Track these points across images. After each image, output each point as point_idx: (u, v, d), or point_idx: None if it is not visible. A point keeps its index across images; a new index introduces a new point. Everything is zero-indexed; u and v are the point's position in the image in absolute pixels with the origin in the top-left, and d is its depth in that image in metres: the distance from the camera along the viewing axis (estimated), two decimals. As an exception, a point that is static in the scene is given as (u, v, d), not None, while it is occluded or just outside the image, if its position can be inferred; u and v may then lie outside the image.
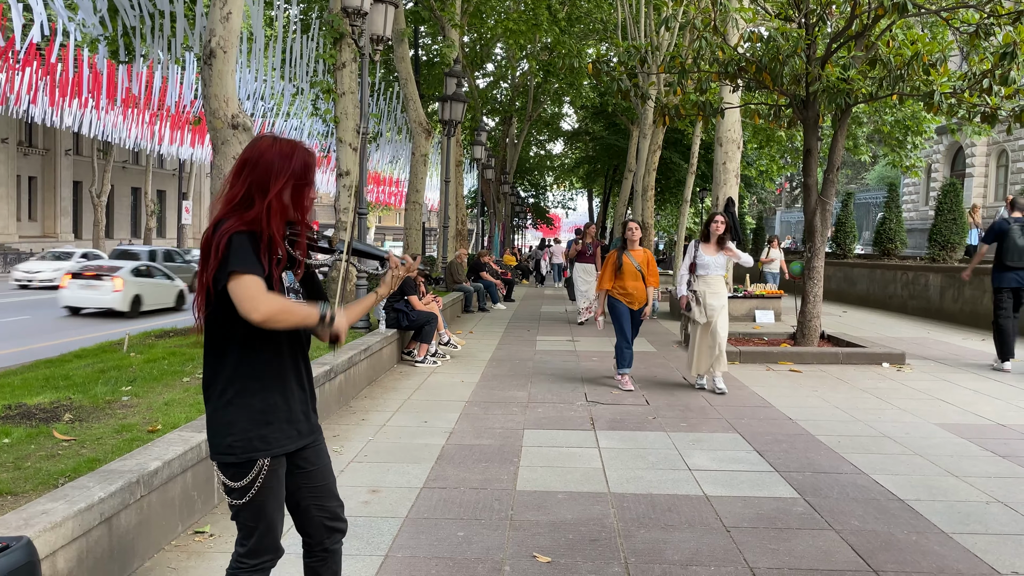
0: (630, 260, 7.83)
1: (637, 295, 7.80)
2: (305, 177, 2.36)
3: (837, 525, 4.20)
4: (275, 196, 2.29)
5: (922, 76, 8.76)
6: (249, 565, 2.41)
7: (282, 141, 2.38)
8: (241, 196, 2.30)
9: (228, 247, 2.22)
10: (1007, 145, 30.39)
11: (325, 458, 2.55)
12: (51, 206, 45.42)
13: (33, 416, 4.72)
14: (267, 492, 2.36)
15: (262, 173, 2.31)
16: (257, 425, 2.33)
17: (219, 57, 7.62)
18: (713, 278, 7.65)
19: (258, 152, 2.34)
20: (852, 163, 52.43)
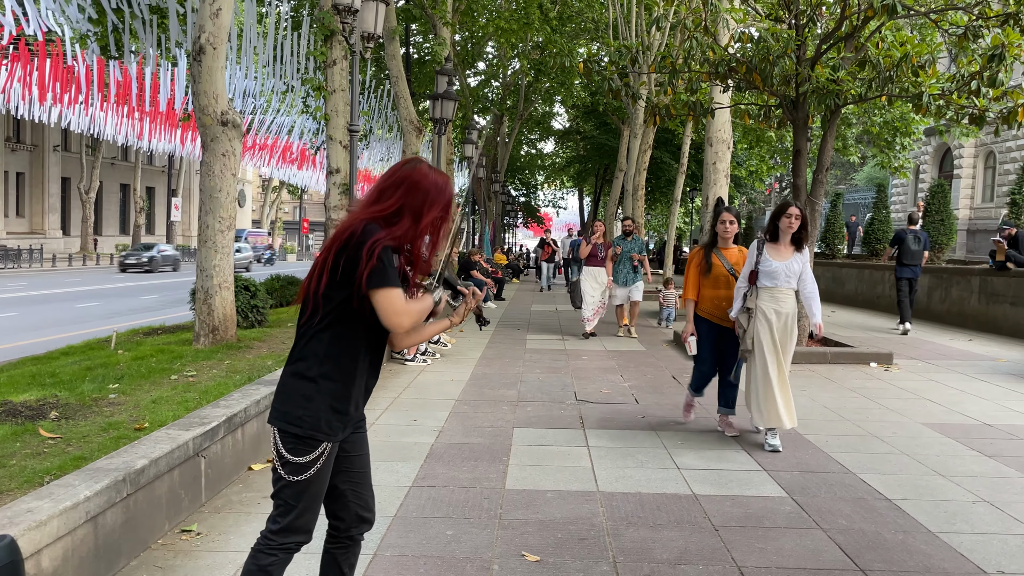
0: (721, 262, 5.98)
1: (727, 308, 5.91)
2: (448, 210, 2.54)
3: (825, 524, 4.22)
4: (428, 222, 2.48)
5: (911, 77, 8.81)
6: (277, 543, 2.45)
7: (438, 171, 2.56)
8: (392, 211, 2.44)
9: (381, 259, 2.35)
10: (995, 147, 30.59)
11: (367, 447, 2.65)
12: (39, 203, 45.11)
13: (19, 414, 4.69)
14: (320, 474, 2.44)
15: (420, 197, 2.46)
16: (330, 410, 2.42)
17: (209, 54, 7.58)
18: (782, 292, 5.64)
19: (419, 175, 2.50)
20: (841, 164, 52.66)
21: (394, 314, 2.37)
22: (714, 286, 5.98)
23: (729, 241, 6.09)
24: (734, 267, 5.98)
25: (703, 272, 6.02)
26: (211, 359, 6.89)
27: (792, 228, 5.63)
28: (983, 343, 11.86)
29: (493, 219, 38.04)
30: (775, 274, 5.62)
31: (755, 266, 5.68)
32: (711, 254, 6.05)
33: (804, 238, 5.69)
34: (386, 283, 2.35)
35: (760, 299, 5.64)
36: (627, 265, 11.94)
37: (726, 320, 5.91)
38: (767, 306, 5.62)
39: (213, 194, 7.74)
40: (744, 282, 5.73)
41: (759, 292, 5.65)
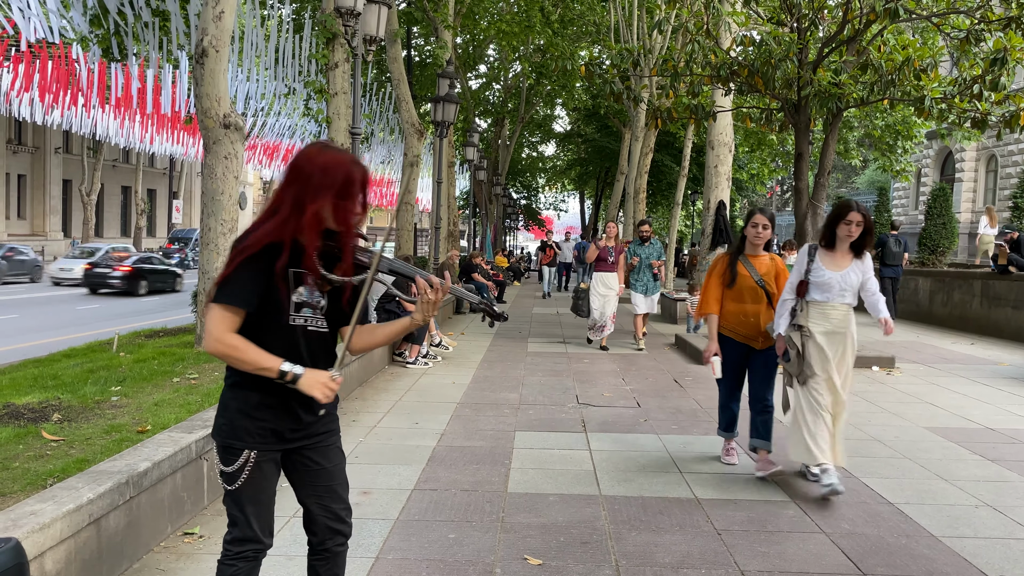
0: (748, 271, 5.15)
1: (758, 327, 5.12)
2: (347, 192, 2.29)
3: (827, 528, 4.21)
4: (314, 212, 2.26)
5: (913, 81, 8.82)
6: (232, 552, 2.44)
7: (329, 152, 2.33)
8: (274, 204, 2.31)
9: (230, 266, 2.25)
10: (996, 150, 30.58)
11: (336, 460, 2.54)
12: (40, 204, 45.13)
13: (21, 416, 4.69)
14: (250, 484, 2.38)
15: (302, 184, 2.28)
16: (245, 416, 2.36)
17: (211, 56, 7.59)
18: (834, 309, 4.73)
19: (304, 159, 2.32)
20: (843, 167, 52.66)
21: (206, 331, 2.26)
22: (738, 299, 5.15)
23: (760, 248, 5.23)
24: (764, 278, 5.13)
25: (726, 283, 5.19)
26: (213, 361, 6.89)
27: (852, 236, 4.70)
28: (985, 347, 11.85)
29: (494, 222, 38.04)
30: (828, 286, 4.71)
31: (804, 275, 4.78)
32: (736, 262, 5.20)
33: (866, 245, 4.77)
34: (217, 297, 2.25)
35: (809, 316, 4.77)
36: (647, 272, 11.17)
37: (753, 338, 5.13)
38: (816, 325, 4.74)
39: (215, 196, 7.74)
40: (791, 294, 4.83)
41: (808, 307, 4.78)
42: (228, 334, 2.25)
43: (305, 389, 2.29)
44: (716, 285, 5.24)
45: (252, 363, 2.26)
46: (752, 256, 5.23)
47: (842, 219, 4.71)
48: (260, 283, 2.27)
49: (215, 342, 2.24)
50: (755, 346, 5.14)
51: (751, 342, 5.16)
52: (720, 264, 5.30)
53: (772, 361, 5.14)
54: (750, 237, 5.21)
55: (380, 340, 2.54)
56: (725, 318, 5.20)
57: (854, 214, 4.68)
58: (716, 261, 5.37)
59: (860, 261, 4.78)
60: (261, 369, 2.26)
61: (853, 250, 4.76)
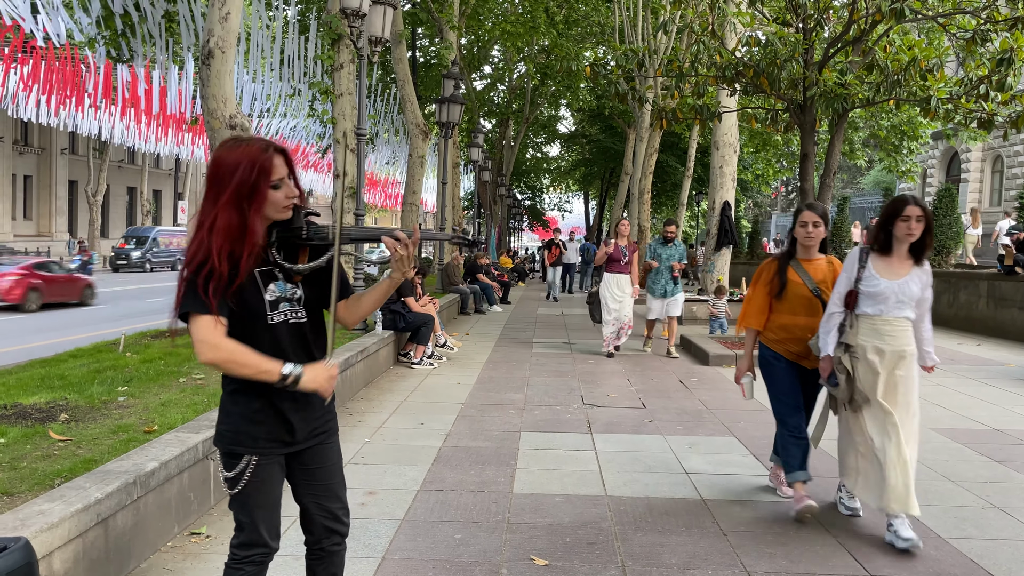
0: (801, 278, 4.42)
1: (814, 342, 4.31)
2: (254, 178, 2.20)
3: (834, 529, 4.20)
4: (225, 202, 2.19)
5: (919, 81, 8.80)
6: (239, 556, 2.44)
7: (238, 147, 2.24)
8: (203, 207, 2.25)
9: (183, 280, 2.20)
10: (1002, 151, 30.50)
11: (333, 459, 2.53)
12: (46, 205, 45.28)
13: (29, 416, 4.70)
14: (253, 488, 2.37)
15: (216, 183, 2.22)
16: (246, 422, 2.34)
17: (217, 57, 7.61)
18: (890, 324, 4.01)
19: (214, 163, 2.25)
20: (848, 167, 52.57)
21: (196, 342, 2.18)
22: (790, 311, 4.41)
23: (813, 250, 4.48)
24: (820, 286, 4.38)
25: (774, 292, 4.45)
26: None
27: (913, 235, 3.97)
28: (991, 348, 11.82)
29: (499, 223, 38.06)
30: (882, 297, 3.99)
31: (854, 284, 4.07)
32: (787, 268, 4.46)
33: (927, 246, 4.05)
34: (187, 308, 2.18)
35: (860, 332, 4.05)
36: (666, 274, 10.37)
37: (804, 356, 4.41)
38: (868, 342, 4.02)
39: (221, 197, 7.75)
40: (838, 306, 4.10)
41: (858, 322, 4.06)
42: (224, 339, 2.20)
43: (308, 386, 2.27)
44: (762, 294, 4.52)
45: (254, 367, 2.21)
46: (805, 260, 4.47)
47: (898, 215, 3.96)
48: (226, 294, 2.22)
49: (212, 349, 2.16)
50: (806, 365, 4.43)
51: (803, 360, 4.42)
52: (767, 270, 4.55)
53: (817, 384, 4.47)
54: (800, 238, 4.47)
55: (367, 308, 2.49)
56: (774, 333, 4.47)
57: (912, 208, 3.94)
58: (763, 267, 4.59)
59: (920, 268, 4.05)
60: (262, 373, 2.22)
61: (912, 254, 4.04)
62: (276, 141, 2.41)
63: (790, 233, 4.61)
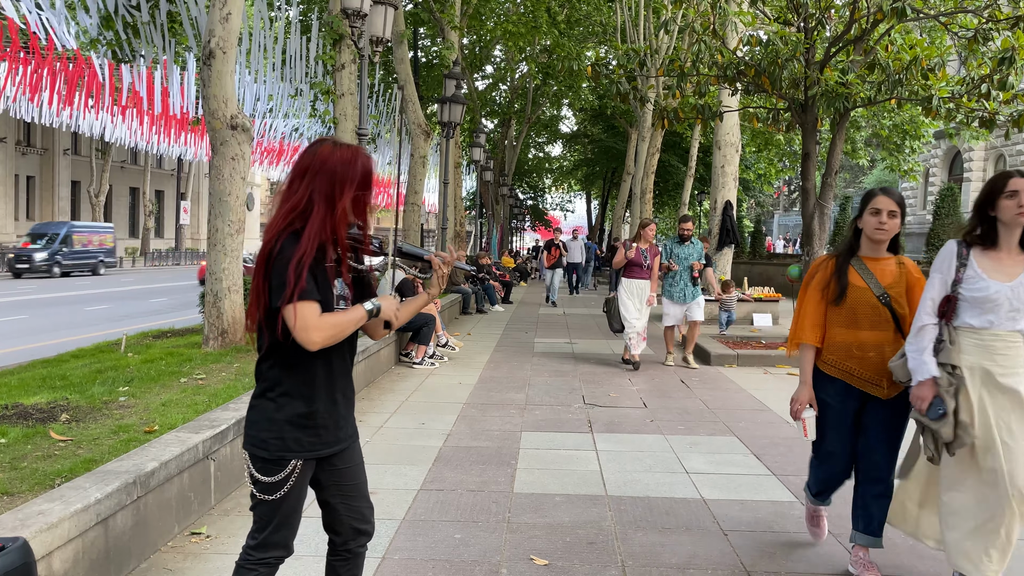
0: (866, 281, 3.46)
1: (882, 364, 3.41)
2: (366, 183, 2.38)
3: (835, 529, 4.19)
4: (344, 205, 2.33)
5: (921, 81, 8.78)
6: (256, 558, 2.44)
7: (343, 147, 2.40)
8: (304, 205, 2.32)
9: (286, 268, 2.26)
10: (1005, 150, 30.46)
11: (358, 459, 2.59)
12: (49, 205, 45.39)
13: (30, 416, 4.71)
14: (292, 492, 2.40)
15: (328, 180, 2.33)
16: (295, 428, 2.37)
17: (218, 58, 7.61)
18: (1002, 339, 3.14)
19: (320, 159, 2.35)
20: (850, 167, 52.53)
21: (301, 328, 2.25)
22: (851, 323, 3.47)
23: (883, 246, 3.49)
24: (890, 291, 3.42)
25: (831, 298, 3.49)
26: (220, 362, 6.91)
27: None
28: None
29: (501, 222, 38.07)
30: (992, 304, 3.09)
31: (952, 288, 3.17)
32: (847, 268, 3.49)
33: None
34: (290, 295, 2.25)
35: (961, 350, 3.15)
36: (685, 276, 9.54)
37: (875, 382, 3.44)
38: (974, 361, 3.12)
39: (222, 197, 7.77)
40: (931, 316, 3.19)
41: (958, 337, 3.16)
42: (322, 318, 2.29)
43: (385, 314, 2.45)
44: (815, 301, 3.55)
45: (352, 322, 2.37)
46: (871, 259, 3.49)
47: (1001, 192, 3.11)
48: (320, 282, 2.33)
49: (317, 330, 2.26)
50: (877, 393, 3.44)
51: (872, 387, 3.45)
52: (822, 270, 3.57)
53: (901, 417, 3.47)
54: (868, 231, 3.44)
55: (403, 318, 2.62)
56: (831, 351, 3.52)
57: (1017, 180, 3.08)
58: (816, 266, 3.61)
59: None
60: (358, 321, 2.38)
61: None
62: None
63: (853, 223, 3.59)
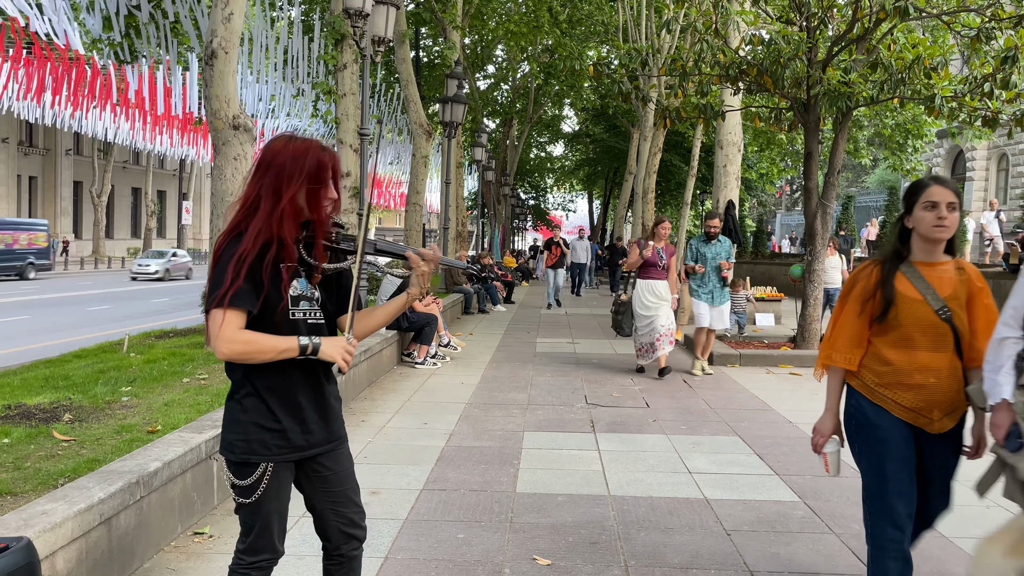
0: (921, 292, 2.81)
1: (937, 392, 2.81)
2: (320, 177, 2.28)
3: (838, 529, 4.19)
4: (288, 200, 2.24)
5: (923, 80, 8.77)
6: (247, 562, 2.41)
7: (297, 140, 2.32)
8: (251, 202, 2.27)
9: (225, 268, 2.20)
10: (1007, 149, 30.41)
11: (346, 464, 2.51)
12: (51, 206, 45.45)
13: (33, 416, 4.72)
14: (267, 495, 2.35)
15: (275, 175, 2.26)
16: (260, 429, 2.32)
17: (220, 58, 7.62)
18: None
19: (271, 153, 2.29)
20: (852, 166, 52.47)
21: (213, 336, 2.18)
22: (904, 343, 2.80)
23: (940, 248, 2.85)
24: (949, 303, 2.78)
25: (875, 312, 2.81)
26: (222, 362, 6.91)
27: None
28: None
29: (503, 222, 38.05)
30: None
31: None
32: (895, 275, 2.82)
33: None
34: (213, 301, 2.19)
35: None
36: (714, 276, 8.88)
37: (926, 411, 2.82)
38: None
39: (224, 198, 7.77)
40: (1012, 328, 2.60)
41: None
42: (240, 331, 2.21)
43: (327, 355, 2.28)
44: (854, 316, 2.85)
45: (272, 349, 2.22)
46: (926, 264, 2.83)
47: None
48: (259, 284, 2.23)
49: (228, 343, 2.18)
50: (928, 428, 2.85)
51: (920, 419, 2.82)
52: (864, 279, 2.85)
53: (954, 455, 2.99)
54: (924, 229, 2.79)
55: (380, 320, 2.52)
56: (876, 374, 2.83)
57: None
58: (857, 274, 2.91)
59: None
60: (282, 352, 2.23)
61: None
62: None
63: (899, 222, 2.90)
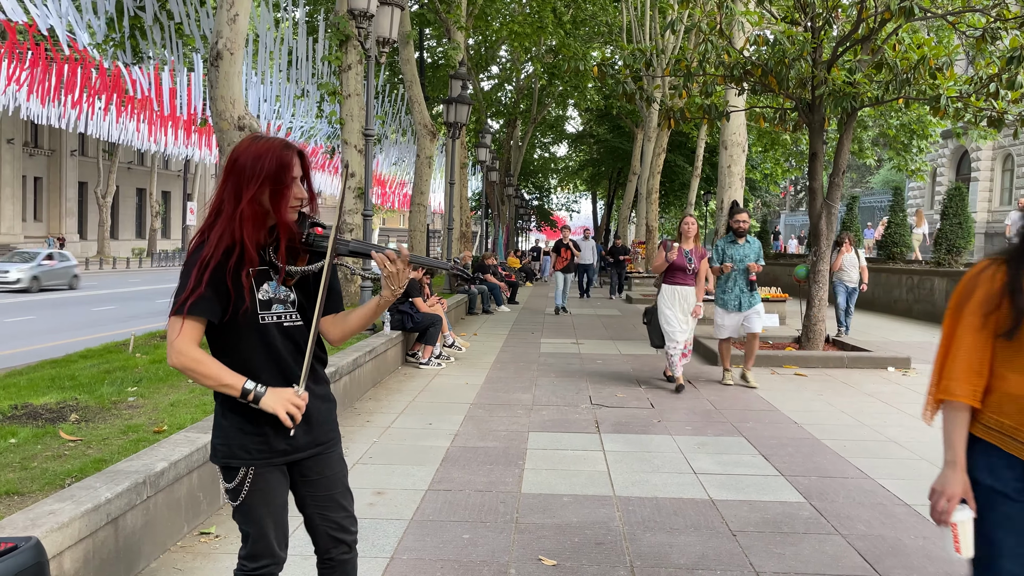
0: None
1: None
2: (281, 178, 2.21)
3: (844, 530, 4.19)
4: (247, 202, 2.19)
5: (928, 80, 8.76)
6: (249, 568, 2.39)
7: (260, 141, 2.26)
8: (217, 204, 2.24)
9: (188, 273, 2.17)
10: (1013, 149, 30.33)
11: (335, 468, 2.47)
12: (56, 207, 45.56)
13: (39, 416, 4.73)
14: (254, 499, 2.32)
15: (237, 177, 2.21)
16: (240, 434, 2.28)
17: (226, 59, 7.64)
18: None
19: (235, 155, 2.24)
20: (857, 166, 52.38)
21: (168, 344, 2.16)
22: None
23: None
24: None
25: (1001, 329, 2.08)
26: (228, 362, 6.92)
27: None
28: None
29: (506, 223, 38.06)
30: None
31: None
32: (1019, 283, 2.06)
33: None
34: (174, 308, 2.16)
35: None
36: (741, 281, 8.19)
37: None
38: None
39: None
40: None
41: None
42: (193, 347, 2.16)
43: (269, 408, 2.20)
44: (973, 332, 2.14)
45: (214, 379, 2.18)
46: None
47: None
48: (223, 290, 2.19)
49: (178, 355, 2.14)
50: None
51: None
52: (984, 284, 2.14)
53: None
54: None
55: (355, 325, 2.45)
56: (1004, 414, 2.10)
57: None
58: (972, 279, 2.18)
59: None
60: (223, 386, 2.18)
61: None
62: None
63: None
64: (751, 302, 8.20)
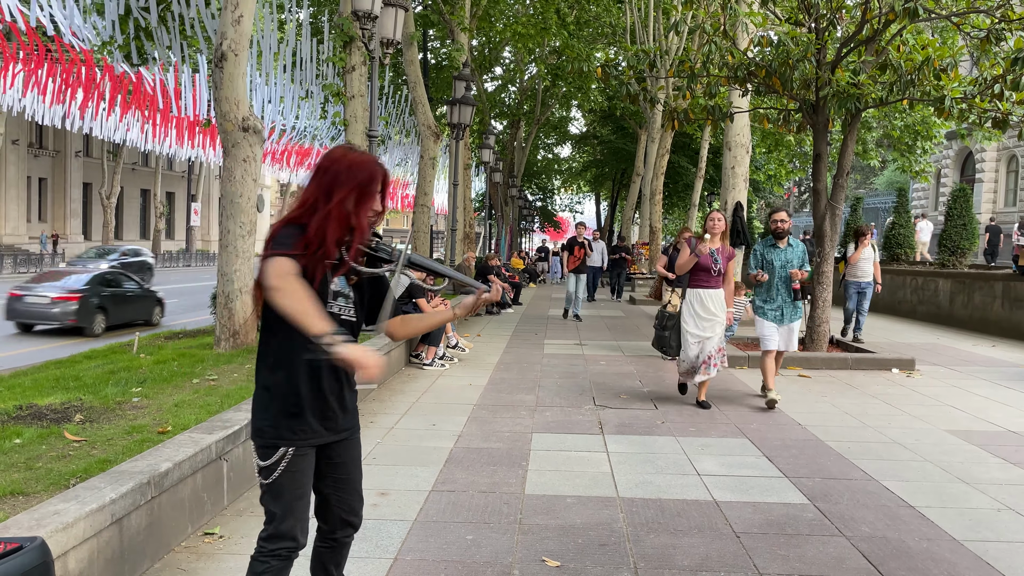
0: None
1: None
2: (368, 188, 2.46)
3: (848, 532, 4.18)
4: (336, 203, 2.40)
5: (933, 81, 8.74)
6: (267, 549, 2.50)
7: (355, 152, 2.53)
8: (310, 204, 2.44)
9: (273, 238, 2.37)
10: (1017, 150, 30.26)
11: (355, 452, 2.68)
12: (61, 207, 45.67)
13: (44, 417, 4.74)
14: (287, 479, 2.48)
15: (330, 180, 2.44)
16: (287, 415, 2.47)
17: (230, 60, 7.65)
18: None
19: (330, 160, 2.49)
20: (861, 168, 52.29)
21: (268, 272, 2.25)
22: None
23: None
24: None
25: None
26: (232, 363, 6.94)
27: None
28: (1007, 349, 11.72)
29: (510, 224, 38.07)
30: None
31: None
32: None
33: None
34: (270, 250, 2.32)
35: None
36: (783, 290, 7.32)
37: None
38: None
39: (234, 199, 7.80)
40: None
41: None
42: (294, 276, 2.26)
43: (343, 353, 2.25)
44: None
45: (302, 309, 2.20)
46: None
47: None
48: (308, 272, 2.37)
49: (278, 277, 2.22)
50: None
51: None
52: None
53: None
54: None
55: (418, 327, 2.74)
56: None
57: None
58: None
59: None
60: (308, 317, 2.20)
61: None
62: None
63: None
64: (794, 315, 7.39)
